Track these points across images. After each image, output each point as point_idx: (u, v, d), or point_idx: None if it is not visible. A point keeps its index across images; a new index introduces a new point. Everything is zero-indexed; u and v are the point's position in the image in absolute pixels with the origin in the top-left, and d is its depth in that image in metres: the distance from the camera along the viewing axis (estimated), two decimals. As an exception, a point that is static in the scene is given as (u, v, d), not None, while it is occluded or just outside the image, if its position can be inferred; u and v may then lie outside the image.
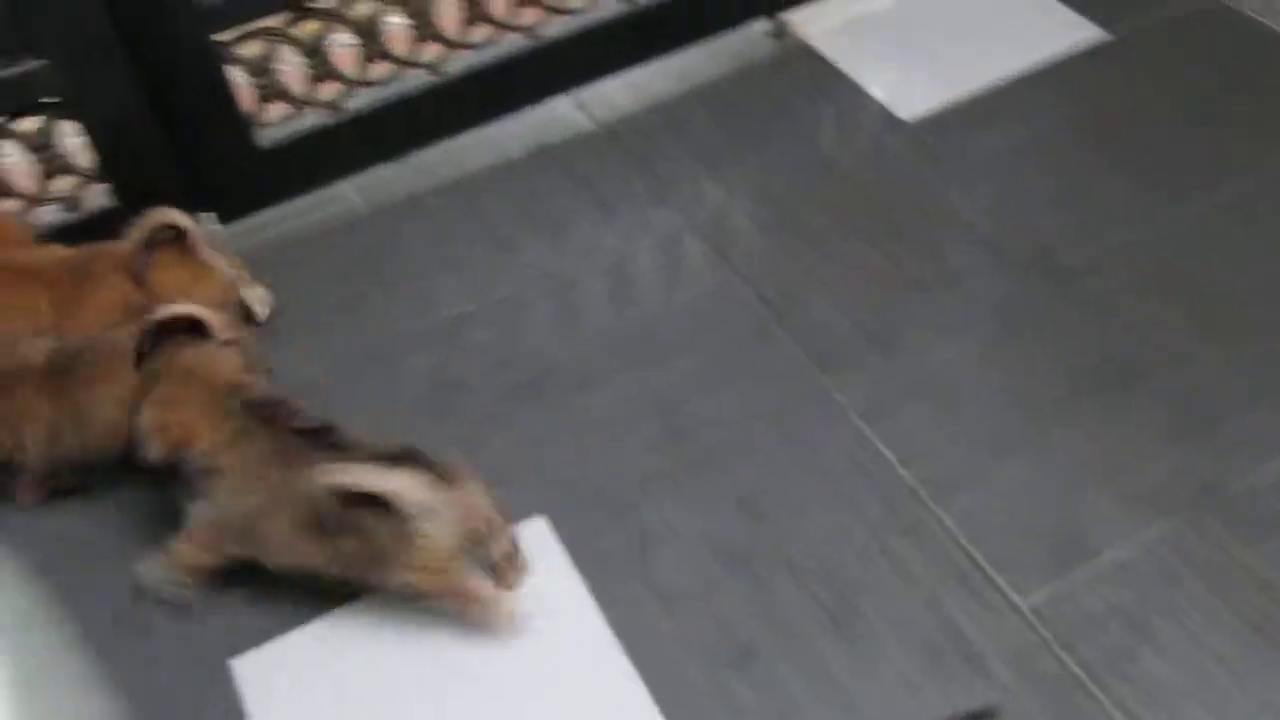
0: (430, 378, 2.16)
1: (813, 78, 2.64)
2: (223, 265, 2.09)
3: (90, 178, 2.27)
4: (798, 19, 2.75)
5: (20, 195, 2.24)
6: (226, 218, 2.41)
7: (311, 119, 2.37)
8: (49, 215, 2.28)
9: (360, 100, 2.39)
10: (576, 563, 1.88)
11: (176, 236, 2.03)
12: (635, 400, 2.08)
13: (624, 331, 2.19)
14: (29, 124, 2.17)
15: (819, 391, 2.08)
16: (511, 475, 1.98)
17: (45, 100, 2.15)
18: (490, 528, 1.72)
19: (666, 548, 1.89)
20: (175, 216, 2.02)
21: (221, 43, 2.20)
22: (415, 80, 2.42)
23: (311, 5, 2.25)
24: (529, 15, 2.46)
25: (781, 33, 2.74)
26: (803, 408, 2.06)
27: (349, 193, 2.53)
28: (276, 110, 2.34)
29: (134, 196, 2.27)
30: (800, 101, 2.59)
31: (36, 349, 1.90)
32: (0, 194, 2.23)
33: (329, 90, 2.36)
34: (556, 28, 2.48)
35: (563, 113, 2.65)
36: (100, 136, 2.20)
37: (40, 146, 2.20)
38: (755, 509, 1.93)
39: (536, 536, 1.90)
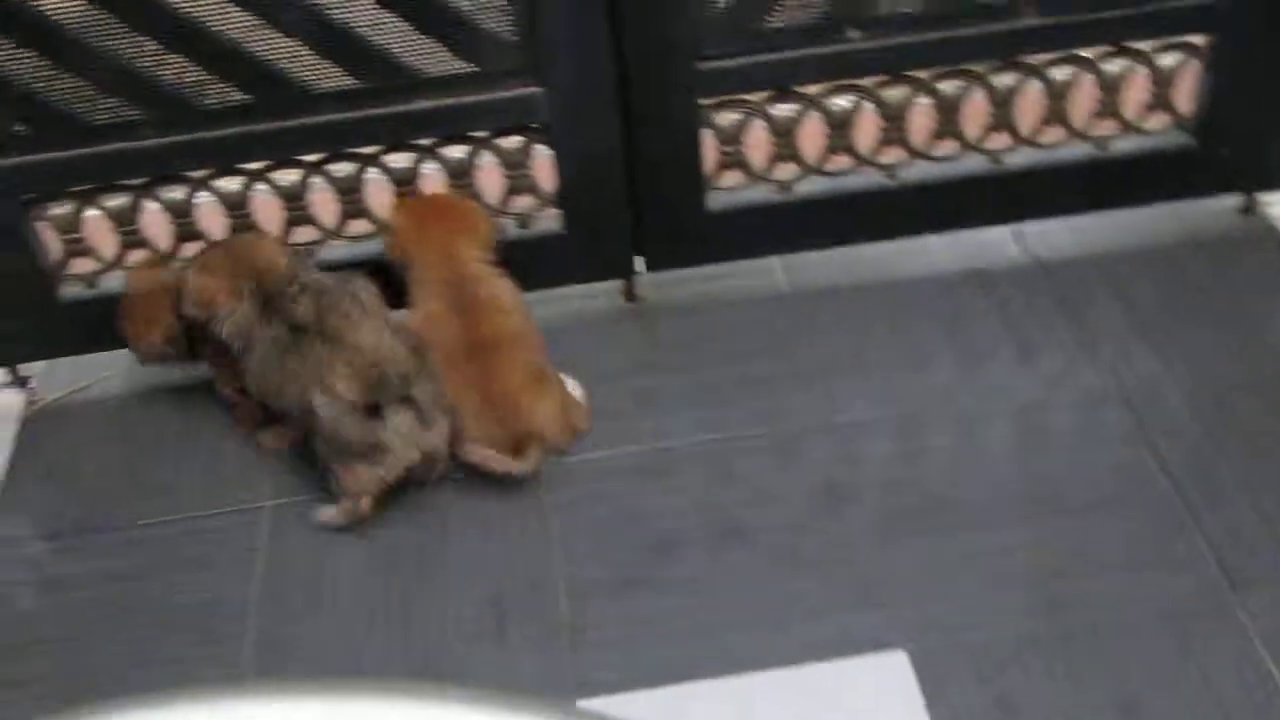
0: (820, 476, 2.15)
1: (1278, 266, 2.49)
2: None
3: (548, 202, 2.38)
4: (1273, 198, 2.59)
5: (484, 203, 2.37)
6: (654, 266, 2.48)
7: (761, 193, 2.41)
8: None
9: (811, 186, 2.41)
10: (930, 711, 1.82)
11: None
12: (1023, 556, 2.00)
13: (1024, 483, 2.11)
14: (510, 142, 2.29)
15: (1222, 604, 1.94)
16: (881, 600, 1.95)
17: (531, 124, 2.27)
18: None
19: (1028, 724, 1.81)
20: None
21: (704, 105, 2.26)
22: (868, 178, 2.42)
23: (795, 90, 2.29)
24: (996, 140, 2.41)
25: (1251, 209, 2.59)
26: (1200, 617, 1.92)
27: (776, 269, 2.56)
28: (731, 178, 2.39)
29: (580, 227, 2.38)
30: (1259, 287, 2.44)
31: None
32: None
33: (785, 170, 2.40)
34: (1020, 158, 2.43)
35: (998, 240, 2.59)
36: (567, 165, 2.31)
37: (513, 164, 2.32)
38: (1132, 711, 1.81)
39: (893, 670, 1.86)
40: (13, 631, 2.05)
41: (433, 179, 2.34)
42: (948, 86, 2.33)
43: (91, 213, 2.30)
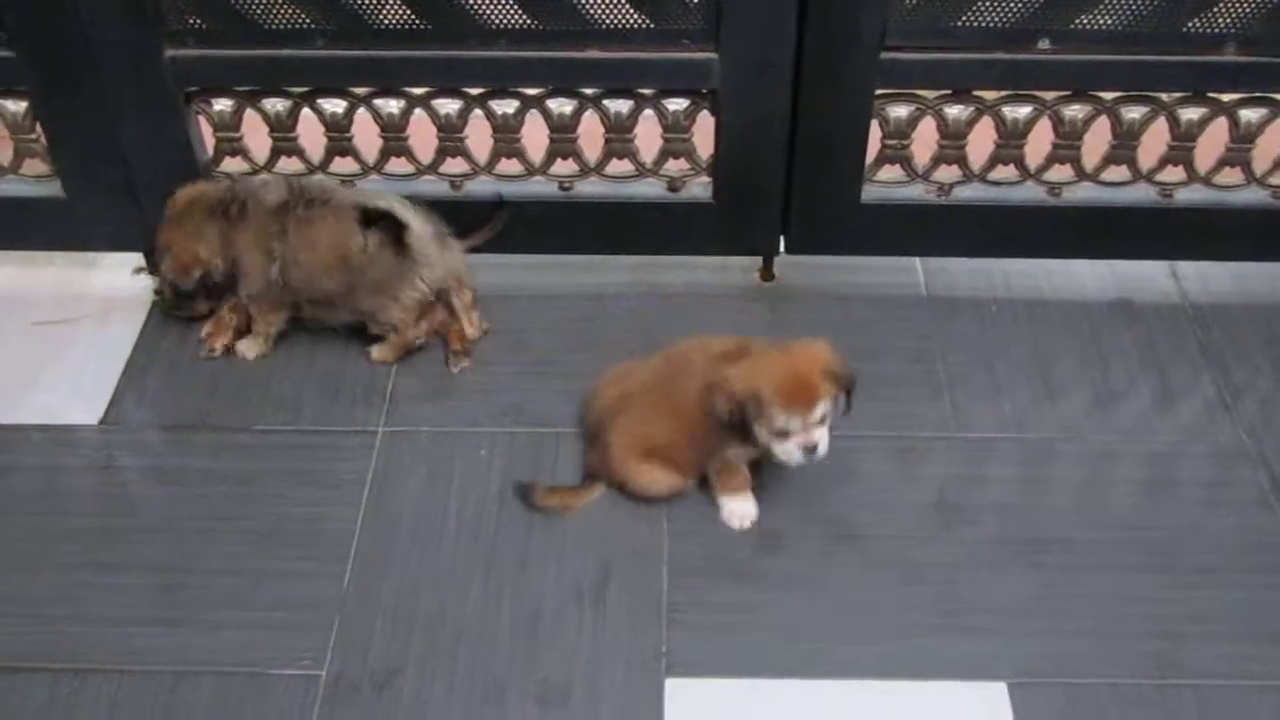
0: (938, 490, 2.11)
1: None
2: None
3: (701, 169, 2.34)
4: None
5: (635, 161, 2.33)
6: (795, 249, 2.44)
7: (918, 191, 2.35)
8: (638, 187, 2.37)
9: (971, 192, 2.35)
10: (1022, 748, 1.79)
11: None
12: (1136, 607, 1.95)
13: (1147, 531, 2.05)
14: (675, 103, 2.25)
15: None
16: (984, 627, 1.92)
17: (700, 89, 2.23)
18: (459, 284, 2.26)
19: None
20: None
21: (878, 95, 2.21)
22: (1031, 193, 2.35)
23: (972, 92, 2.22)
24: (1170, 174, 2.33)
25: None
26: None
27: (917, 270, 2.50)
28: (890, 172, 2.33)
29: (729, 199, 2.35)
30: None
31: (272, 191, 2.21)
32: (618, 156, 2.33)
33: (947, 173, 2.33)
34: (1191, 194, 2.34)
35: (1152, 273, 2.51)
36: (728, 135, 2.27)
37: (673, 127, 2.28)
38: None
39: (989, 702, 1.82)
40: (119, 514, 2.08)
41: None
42: (1131, 111, 2.24)
43: (250, 114, 2.30)
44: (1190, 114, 2.24)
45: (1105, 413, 2.24)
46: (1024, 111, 2.25)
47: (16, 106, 2.30)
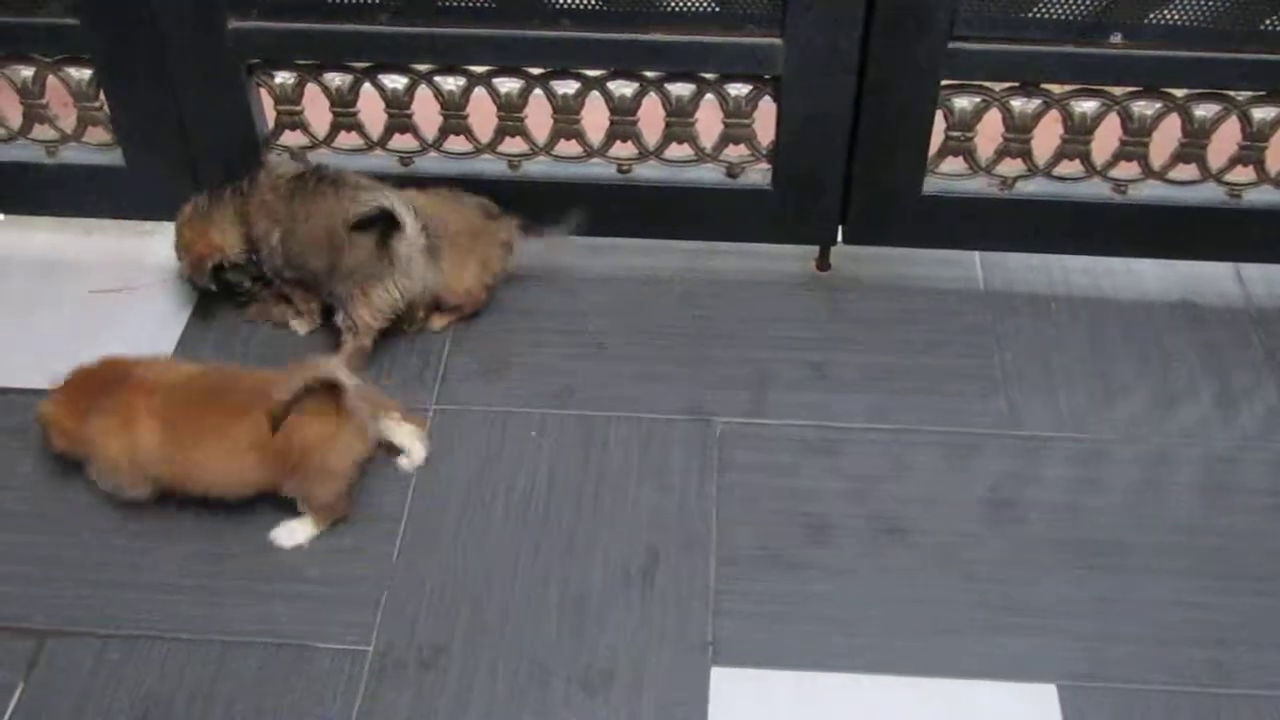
0: (991, 487, 2.08)
1: None
2: (366, 420, 1.99)
3: (761, 156, 2.32)
4: None
5: (694, 146, 2.31)
6: (853, 239, 2.42)
7: (980, 184, 2.32)
8: (697, 172, 2.36)
9: (1035, 186, 2.32)
10: (1071, 752, 1.76)
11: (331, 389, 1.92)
12: (1191, 614, 1.92)
13: (1204, 537, 2.02)
14: (736, 89, 2.23)
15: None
16: (1035, 628, 1.90)
17: (763, 75, 2.21)
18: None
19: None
20: (340, 377, 1.90)
21: (945, 86, 2.18)
22: (1096, 189, 2.31)
23: (1040, 85, 2.18)
24: (1240, 174, 2.28)
25: None
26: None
27: (975, 265, 2.47)
28: (952, 164, 2.30)
29: (789, 187, 2.33)
30: None
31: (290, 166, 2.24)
32: (677, 140, 2.31)
33: (1011, 166, 2.30)
34: (1261, 195, 2.30)
35: (1216, 275, 2.47)
36: (789, 122, 2.25)
37: (735, 112, 2.26)
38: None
39: (1038, 704, 1.80)
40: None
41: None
42: (1202, 110, 2.20)
43: (311, 88, 2.30)
44: (1263, 113, 2.20)
45: (1164, 415, 2.20)
46: (1092, 106, 2.21)
47: (80, 74, 2.31)
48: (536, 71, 2.25)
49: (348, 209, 2.12)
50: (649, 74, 2.24)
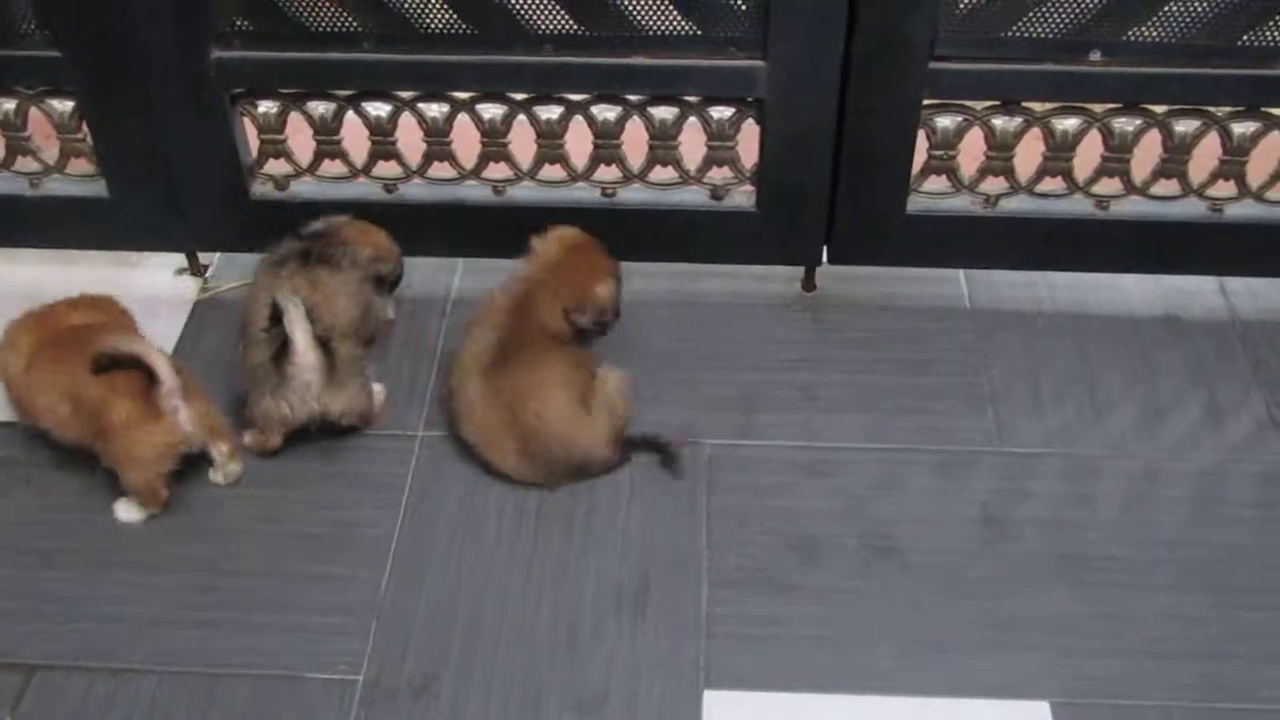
0: (982, 505, 2.09)
1: None
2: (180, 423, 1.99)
3: (745, 179, 2.33)
4: None
5: (678, 168, 2.32)
6: (838, 259, 2.42)
7: (964, 203, 2.33)
8: (681, 195, 2.36)
9: (1018, 204, 2.32)
10: (1064, 770, 1.76)
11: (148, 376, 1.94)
12: (1183, 628, 1.92)
13: (1195, 551, 2.02)
14: (720, 111, 2.24)
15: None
16: (1027, 645, 1.89)
17: (745, 97, 2.21)
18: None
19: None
20: (161, 368, 1.93)
21: (926, 105, 2.19)
22: (1079, 206, 2.32)
23: (1022, 104, 2.20)
24: (1221, 189, 2.30)
25: None
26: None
27: (960, 282, 2.48)
28: (935, 183, 2.31)
29: (773, 208, 2.33)
30: None
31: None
32: (661, 163, 2.32)
33: (994, 184, 2.31)
34: (1242, 210, 2.31)
35: (1200, 289, 2.48)
36: (773, 144, 2.26)
37: (718, 135, 2.27)
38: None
39: (1032, 721, 1.80)
40: (158, 515, 2.08)
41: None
42: (1182, 125, 2.21)
43: (295, 116, 2.30)
44: (1243, 128, 2.21)
45: (1152, 429, 2.21)
46: (1073, 123, 2.22)
47: (63, 106, 2.31)
48: (520, 97, 2.25)
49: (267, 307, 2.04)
50: (632, 98, 2.25)
